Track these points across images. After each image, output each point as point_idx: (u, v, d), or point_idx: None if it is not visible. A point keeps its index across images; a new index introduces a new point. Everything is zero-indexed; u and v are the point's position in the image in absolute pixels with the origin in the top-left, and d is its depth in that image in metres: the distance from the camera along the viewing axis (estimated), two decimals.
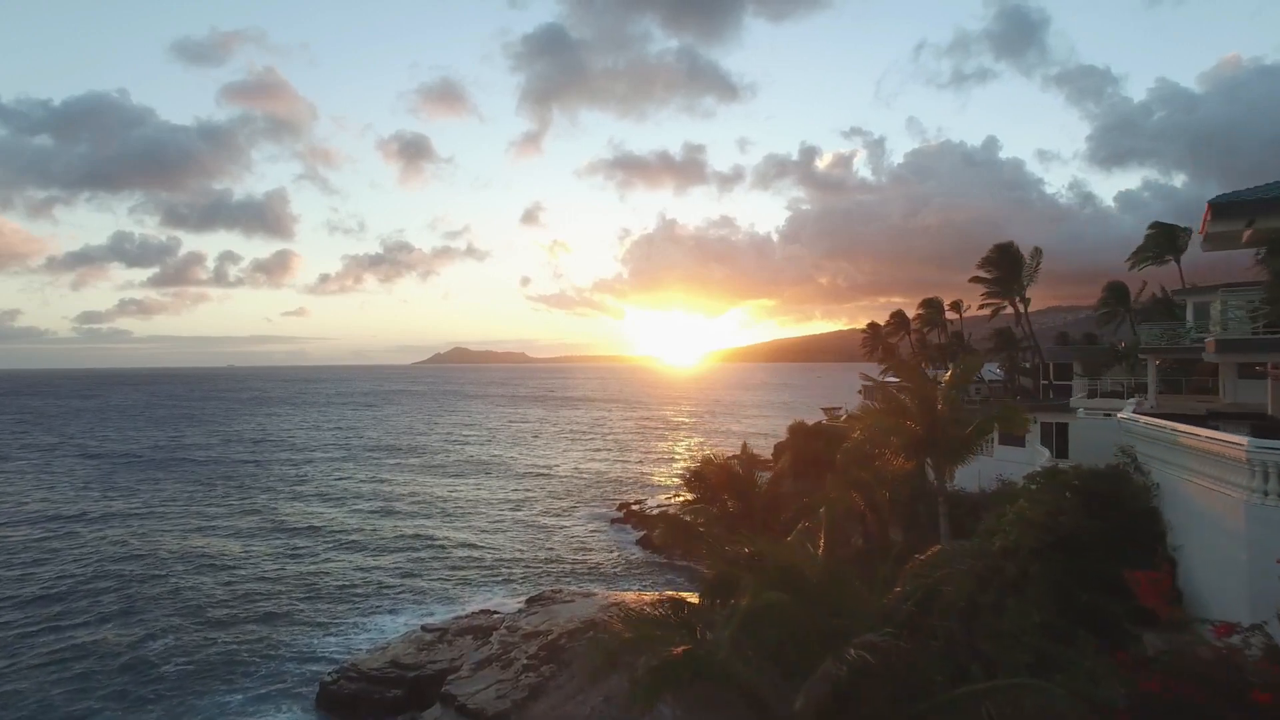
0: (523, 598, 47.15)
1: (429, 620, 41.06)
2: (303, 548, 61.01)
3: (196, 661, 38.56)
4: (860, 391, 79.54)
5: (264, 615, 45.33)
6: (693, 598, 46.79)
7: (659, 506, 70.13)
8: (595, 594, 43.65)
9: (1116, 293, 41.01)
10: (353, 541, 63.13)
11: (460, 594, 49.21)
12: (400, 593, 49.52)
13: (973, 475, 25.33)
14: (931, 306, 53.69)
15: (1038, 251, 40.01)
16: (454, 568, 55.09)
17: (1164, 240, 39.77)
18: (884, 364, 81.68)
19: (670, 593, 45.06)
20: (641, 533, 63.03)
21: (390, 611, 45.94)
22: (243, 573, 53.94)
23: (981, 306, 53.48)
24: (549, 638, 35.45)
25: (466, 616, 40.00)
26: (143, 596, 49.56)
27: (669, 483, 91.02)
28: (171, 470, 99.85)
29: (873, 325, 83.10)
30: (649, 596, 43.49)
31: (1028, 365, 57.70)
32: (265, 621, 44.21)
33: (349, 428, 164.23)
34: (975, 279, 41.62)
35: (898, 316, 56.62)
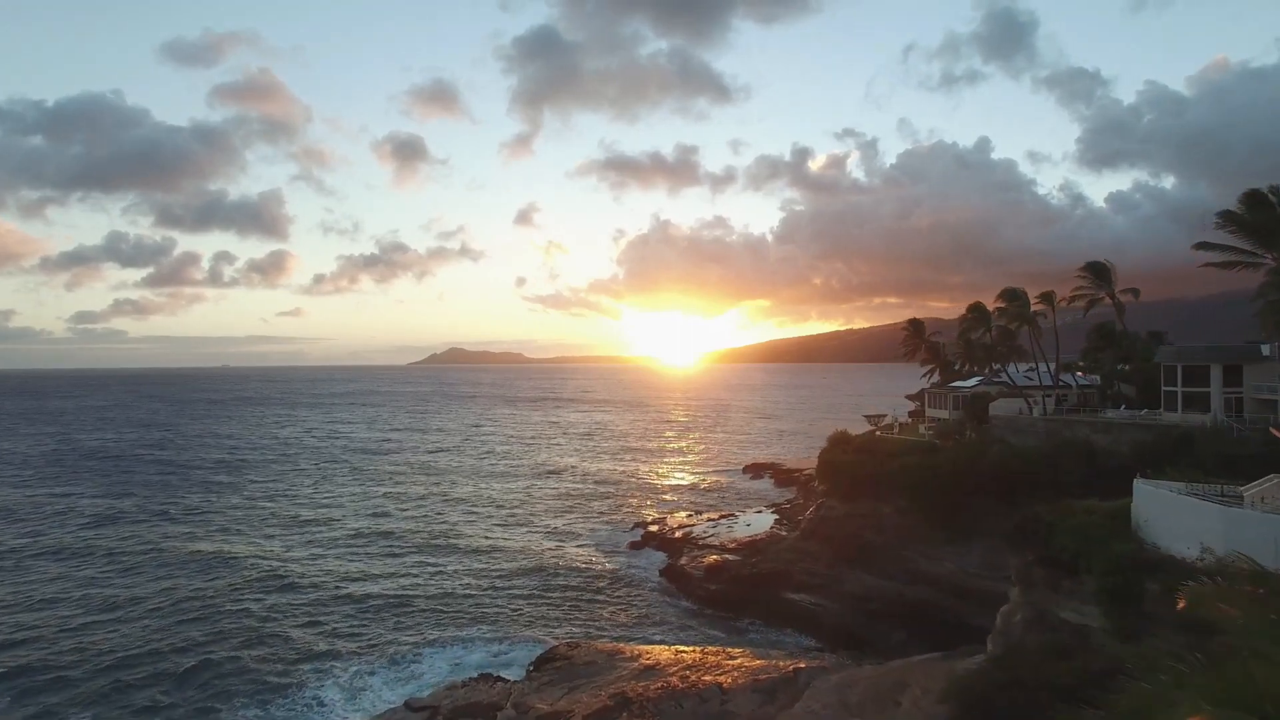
0: (530, 649, 38.97)
1: (413, 690, 32.76)
2: (267, 570, 52.62)
3: None
4: (911, 396, 71.59)
5: (206, 666, 36.94)
6: (741, 655, 38.65)
7: (682, 528, 61.92)
8: (620, 650, 35.34)
9: None
10: (326, 565, 54.64)
11: (452, 641, 40.63)
12: (377, 637, 40.93)
13: (1183, 528, 16.35)
14: (1015, 299, 45.46)
15: None
16: (445, 603, 46.59)
17: None
18: (927, 365, 73.83)
19: (714, 648, 36.87)
20: (664, 560, 54.74)
21: (363, 666, 37.23)
22: (192, 604, 45.72)
23: (1073, 299, 45.32)
24: None
25: (462, 685, 31.66)
26: (60, 629, 41.74)
27: (685, 491, 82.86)
28: (135, 476, 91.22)
29: (914, 322, 74.98)
30: (689, 654, 35.17)
31: (1123, 368, 49.24)
32: (205, 678, 35.75)
33: (338, 432, 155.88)
34: (1202, 245, 32.76)
35: (976, 310, 48.39)
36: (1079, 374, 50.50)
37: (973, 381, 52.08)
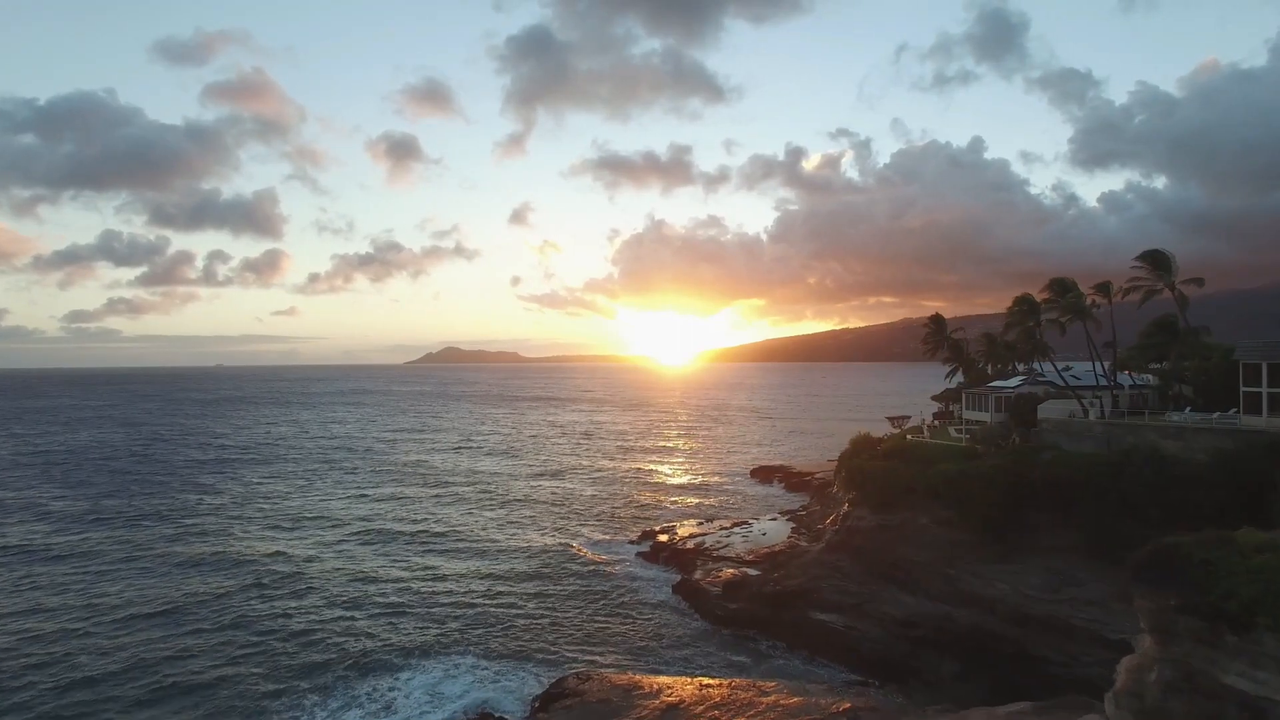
0: (526, 678, 34.93)
1: None
2: (247, 578, 49.05)
3: None
4: (937, 397, 67.75)
5: (164, 694, 33.03)
6: (774, 690, 34.55)
7: (693, 537, 57.84)
8: (638, 684, 31.31)
9: None
10: (310, 571, 50.87)
11: (442, 667, 36.37)
12: (357, 662, 36.70)
13: None
14: (1067, 291, 41.31)
15: None
16: (435, 621, 42.31)
17: None
18: (950, 364, 69.88)
19: (742, 681, 32.80)
20: (676, 573, 50.71)
21: (342, 696, 33.11)
22: (163, 617, 42.03)
23: (1127, 291, 41.23)
24: None
25: None
26: (15, 647, 37.72)
27: (691, 496, 78.75)
28: (120, 477, 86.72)
29: (936, 318, 71.39)
30: (714, 688, 31.06)
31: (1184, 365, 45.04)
32: (162, 710, 31.68)
33: (333, 432, 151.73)
34: None
35: (1024, 303, 44.31)
36: (1129, 373, 46.46)
37: (1015, 381, 48.04)
